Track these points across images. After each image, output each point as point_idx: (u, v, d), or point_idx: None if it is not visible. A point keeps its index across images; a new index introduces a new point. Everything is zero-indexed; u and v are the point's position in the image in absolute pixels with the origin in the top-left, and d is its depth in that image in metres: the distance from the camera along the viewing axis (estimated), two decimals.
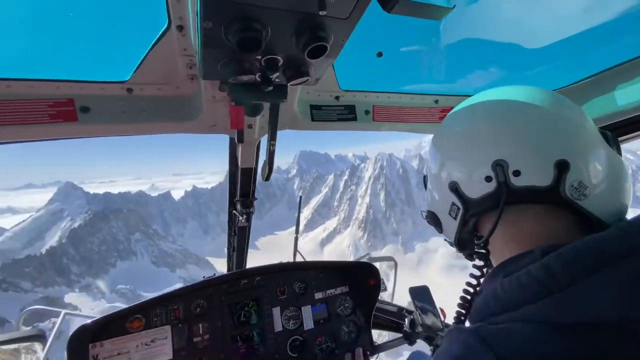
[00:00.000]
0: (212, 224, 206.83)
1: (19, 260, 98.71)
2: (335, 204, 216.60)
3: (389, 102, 1.61)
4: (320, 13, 0.73)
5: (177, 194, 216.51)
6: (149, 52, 1.02)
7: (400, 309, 2.30)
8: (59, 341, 2.01)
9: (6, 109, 0.95)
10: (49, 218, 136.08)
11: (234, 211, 1.97)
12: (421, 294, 1.82)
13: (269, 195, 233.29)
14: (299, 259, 2.34)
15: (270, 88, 0.98)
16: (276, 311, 1.99)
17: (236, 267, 2.36)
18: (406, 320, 1.82)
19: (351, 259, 2.41)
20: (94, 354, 1.57)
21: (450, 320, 1.42)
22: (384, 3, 0.72)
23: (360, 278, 2.14)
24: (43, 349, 1.83)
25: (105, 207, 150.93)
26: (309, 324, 2.02)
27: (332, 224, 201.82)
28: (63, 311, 2.25)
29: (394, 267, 2.71)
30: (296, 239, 2.44)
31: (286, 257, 2.46)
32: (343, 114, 1.56)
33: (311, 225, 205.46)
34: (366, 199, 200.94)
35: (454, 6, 0.75)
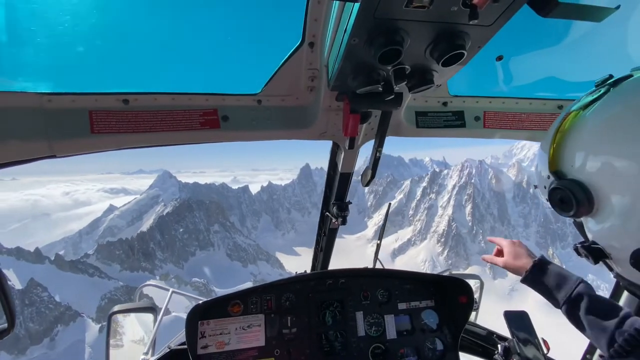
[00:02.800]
0: (282, 220, 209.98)
1: (112, 242, 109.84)
2: (411, 212, 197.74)
3: (502, 108, 1.56)
4: (471, 23, 0.73)
5: (254, 188, 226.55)
6: (280, 67, 1.18)
7: (491, 333, 2.14)
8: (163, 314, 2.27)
9: (170, 117, 1.16)
10: (147, 202, 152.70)
11: (326, 213, 2.09)
12: (519, 321, 1.66)
13: None
14: (378, 266, 2.37)
15: (392, 96, 1.02)
16: (359, 315, 1.99)
17: (321, 267, 2.46)
18: (499, 347, 1.68)
19: None
20: (202, 330, 1.80)
21: (555, 354, 1.43)
22: (539, 8, 0.68)
23: (449, 294, 2.07)
24: (155, 320, 2.04)
25: (192, 196, 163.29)
26: (391, 333, 1.98)
27: (405, 234, 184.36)
28: (171, 289, 2.67)
29: (479, 286, 2.48)
30: (378, 246, 2.47)
31: (352, 261, 1.98)
32: (450, 121, 1.54)
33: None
34: (448, 210, 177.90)
35: (619, 7, 0.70)
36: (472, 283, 2.32)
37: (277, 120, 1.33)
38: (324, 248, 2.35)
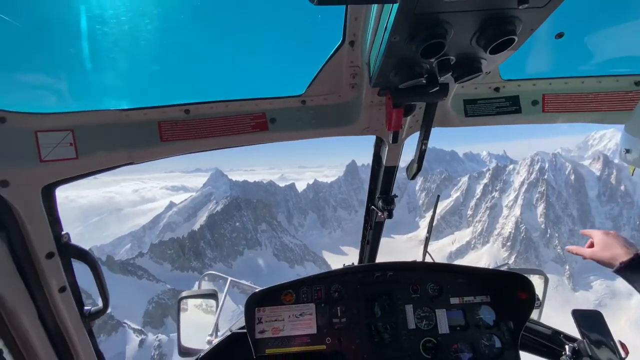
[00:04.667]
0: (329, 218, 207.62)
1: (163, 242, 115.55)
2: (470, 212, 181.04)
3: (565, 89, 1.46)
4: (520, 7, 0.69)
5: (300, 186, 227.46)
6: (323, 67, 1.25)
7: (557, 332, 2.04)
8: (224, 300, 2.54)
9: (225, 123, 1.28)
10: (202, 199, 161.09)
11: (372, 207, 2.13)
12: (591, 321, 1.56)
13: None
14: (428, 259, 2.37)
15: (436, 88, 1.01)
16: (409, 308, 2.02)
17: (368, 260, 2.50)
18: (567, 348, 1.62)
19: None
20: (259, 316, 1.96)
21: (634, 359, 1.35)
22: None
23: (506, 289, 2.02)
24: (217, 305, 2.28)
25: (241, 195, 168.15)
26: (443, 328, 1.99)
27: (463, 236, 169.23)
28: (230, 278, 2.89)
29: (543, 282, 2.43)
30: (427, 239, 2.46)
31: None
32: (504, 107, 1.47)
33: (436, 234, 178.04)
34: (516, 210, 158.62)
35: None
36: (535, 279, 2.21)
37: (321, 118, 1.40)
38: (370, 241, 2.40)
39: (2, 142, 0.96)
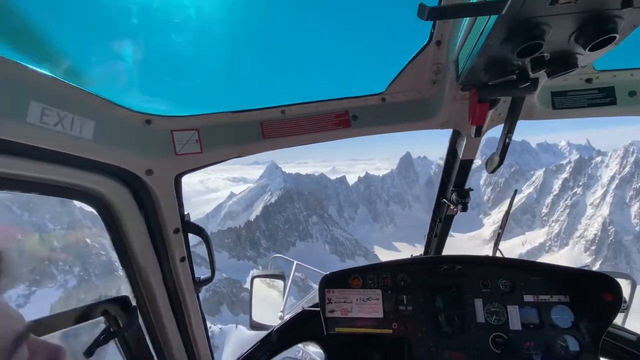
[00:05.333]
0: (380, 212, 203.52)
1: (222, 231, 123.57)
2: (544, 210, 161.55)
3: None
4: (624, 10, 0.69)
5: (351, 179, 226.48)
6: (406, 66, 1.32)
7: None
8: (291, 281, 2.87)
9: (313, 121, 1.43)
10: (258, 191, 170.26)
11: (443, 200, 2.18)
12: None
13: None
14: (498, 255, 2.38)
15: (527, 84, 1.01)
16: (478, 302, 2.03)
17: (435, 253, 2.55)
18: None
19: None
20: (329, 296, 2.11)
21: None
22: None
23: (588, 290, 1.97)
24: (284, 285, 2.54)
25: (293, 187, 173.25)
26: (515, 324, 1.98)
27: (536, 237, 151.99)
28: (295, 262, 3.23)
29: (630, 286, 2.34)
30: (499, 235, 2.48)
31: None
32: (597, 99, 1.44)
33: (504, 233, 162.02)
34: (603, 209, 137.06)
35: None
36: (621, 283, 2.11)
37: (400, 114, 1.47)
38: (438, 234, 2.44)
39: (149, 139, 1.22)
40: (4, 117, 0.81)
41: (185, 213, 1.43)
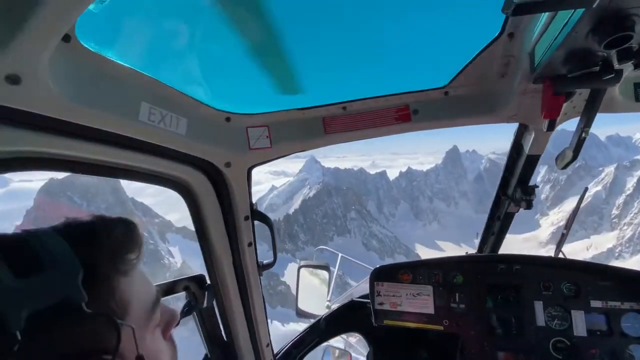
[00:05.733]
0: (423, 209, 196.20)
1: (262, 223, 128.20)
2: (615, 212, 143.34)
3: None
4: None
5: (392, 174, 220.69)
6: (473, 59, 1.30)
7: None
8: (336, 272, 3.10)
9: (373, 116, 1.46)
10: (297, 184, 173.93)
11: (504, 196, 2.12)
12: None
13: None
14: (561, 257, 2.30)
15: (611, 75, 0.97)
16: (538, 305, 1.97)
17: (490, 251, 2.46)
18: None
19: None
20: (378, 289, 2.15)
21: None
22: None
23: None
24: (329, 276, 2.61)
25: (332, 182, 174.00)
26: (580, 330, 1.90)
27: (604, 241, 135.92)
28: (340, 254, 3.32)
29: None
30: (564, 236, 2.38)
31: None
32: None
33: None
34: None
35: None
36: None
37: (463, 108, 1.45)
38: (496, 232, 2.35)
39: (228, 135, 1.36)
40: (121, 116, 0.95)
41: (254, 202, 1.60)
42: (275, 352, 2.11)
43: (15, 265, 0.46)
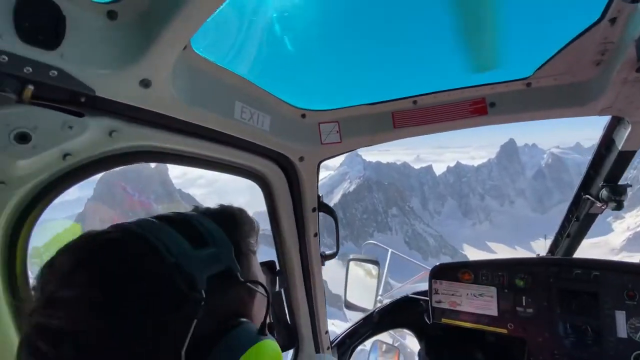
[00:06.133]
0: (473, 207, 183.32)
1: None
2: None
3: None
4: None
5: (438, 168, 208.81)
6: (564, 47, 1.22)
7: None
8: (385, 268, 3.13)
9: (446, 109, 1.44)
10: (338, 178, 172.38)
11: (586, 196, 1.99)
12: None
13: (561, 185, 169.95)
14: None
15: None
16: (620, 315, 1.85)
17: (564, 255, 2.34)
18: None
19: None
20: (436, 287, 2.13)
21: None
22: None
23: None
24: (379, 271, 2.59)
25: (373, 176, 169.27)
26: None
27: None
28: (390, 250, 3.38)
29: None
30: None
31: None
32: None
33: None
34: None
35: None
36: None
37: (548, 100, 1.37)
38: (572, 235, 2.22)
39: (303, 131, 1.44)
40: (220, 114, 1.06)
41: (320, 195, 1.67)
42: (330, 340, 2.17)
43: (191, 240, 0.57)
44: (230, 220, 0.69)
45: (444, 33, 1.32)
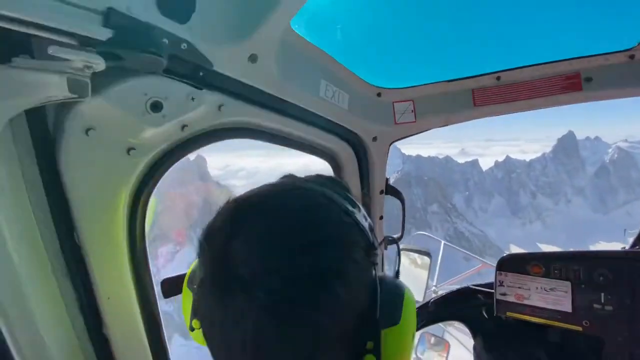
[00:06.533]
0: (524, 205, 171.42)
1: None
2: None
3: None
4: None
5: (485, 163, 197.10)
6: None
7: None
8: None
9: (533, 86, 1.35)
10: None
11: None
12: None
13: (629, 183, 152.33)
14: None
15: None
16: None
17: None
18: None
19: None
20: (500, 279, 2.03)
21: None
22: None
23: None
24: (429, 262, 2.56)
25: (412, 171, 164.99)
26: None
27: None
28: (443, 241, 3.43)
29: None
30: None
31: None
32: None
33: None
34: None
35: None
36: None
37: None
38: None
39: (378, 110, 1.42)
40: (308, 92, 1.07)
41: (387, 177, 1.64)
42: None
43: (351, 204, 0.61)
44: (344, 187, 0.72)
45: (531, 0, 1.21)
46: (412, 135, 1.55)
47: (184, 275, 0.83)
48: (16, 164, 0.76)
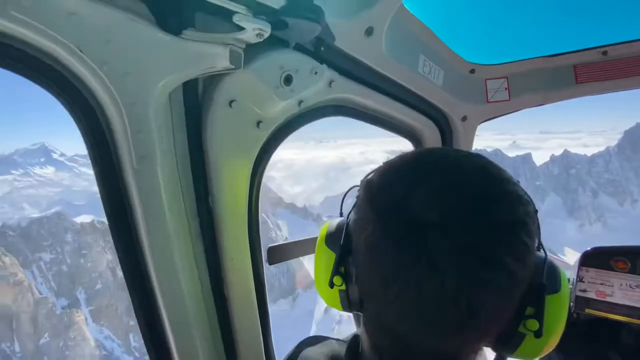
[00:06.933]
0: (582, 205, 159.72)
1: None
2: None
3: None
4: None
5: (539, 157, 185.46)
6: None
7: None
8: None
9: (635, 63, 1.26)
10: None
11: None
12: None
13: None
14: None
15: None
16: None
17: None
18: None
19: None
20: (581, 275, 1.83)
21: None
22: None
23: None
24: None
25: None
26: None
27: None
28: None
29: None
30: None
31: None
32: None
33: None
34: None
35: None
36: None
37: None
38: None
39: (470, 87, 1.38)
40: (408, 68, 1.07)
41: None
42: None
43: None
44: None
45: None
46: (503, 115, 1.46)
47: (288, 243, 0.90)
48: (170, 132, 0.81)
